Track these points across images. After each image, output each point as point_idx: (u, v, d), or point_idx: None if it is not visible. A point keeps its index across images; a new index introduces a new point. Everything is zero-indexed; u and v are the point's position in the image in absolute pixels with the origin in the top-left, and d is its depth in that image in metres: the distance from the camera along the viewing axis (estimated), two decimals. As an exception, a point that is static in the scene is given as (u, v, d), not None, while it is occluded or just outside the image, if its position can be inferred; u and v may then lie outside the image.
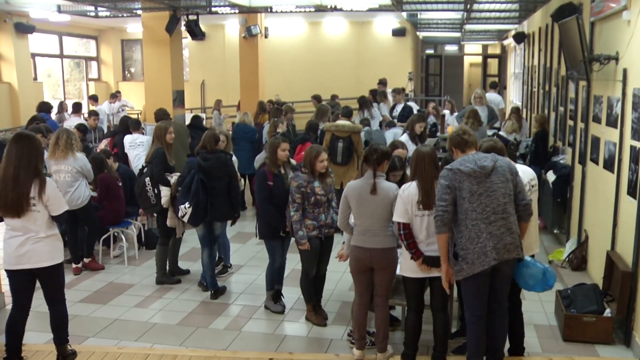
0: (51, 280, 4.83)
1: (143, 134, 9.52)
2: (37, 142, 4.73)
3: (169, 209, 6.78)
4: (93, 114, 11.68)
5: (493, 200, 4.34)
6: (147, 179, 6.85)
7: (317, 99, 13.46)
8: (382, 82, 14.52)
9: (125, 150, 9.08)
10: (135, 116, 16.77)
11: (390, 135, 9.61)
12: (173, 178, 6.82)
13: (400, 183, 5.33)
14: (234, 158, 7.15)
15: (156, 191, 6.83)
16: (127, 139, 9.11)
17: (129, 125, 9.37)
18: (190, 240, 8.23)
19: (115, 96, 16.53)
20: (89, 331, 5.70)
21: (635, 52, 5.31)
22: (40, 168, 4.67)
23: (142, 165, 7.13)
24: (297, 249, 5.78)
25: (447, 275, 4.52)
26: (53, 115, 14.24)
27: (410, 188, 4.65)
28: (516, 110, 11.28)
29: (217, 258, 6.99)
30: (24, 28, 15.23)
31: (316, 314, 5.87)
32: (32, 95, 15.63)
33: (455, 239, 4.45)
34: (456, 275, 4.46)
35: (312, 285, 5.89)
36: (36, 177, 4.58)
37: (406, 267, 4.75)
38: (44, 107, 12.79)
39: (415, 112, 12.41)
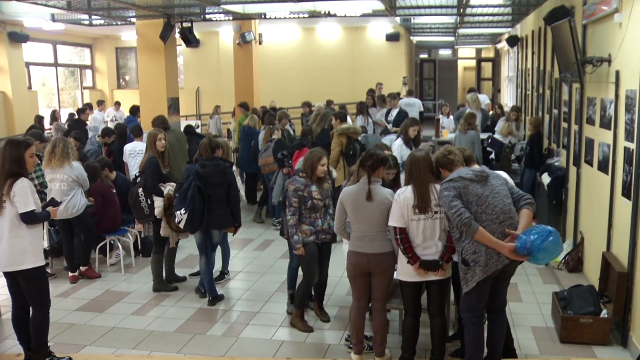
0: (25, 284, 4.85)
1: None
2: (17, 146, 4.80)
3: (162, 219, 6.78)
4: (111, 133, 10.33)
5: (499, 201, 4.38)
6: (140, 189, 6.86)
7: (243, 106, 13.33)
8: (379, 86, 14.70)
9: (125, 159, 9.03)
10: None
11: (386, 141, 9.63)
12: (167, 188, 6.81)
13: (394, 181, 5.36)
14: (234, 167, 7.15)
15: (149, 201, 6.82)
16: (127, 147, 9.08)
17: (131, 131, 9.34)
18: (188, 247, 8.22)
19: (101, 103, 16.52)
20: (86, 339, 5.68)
21: (627, 54, 5.35)
22: (16, 169, 4.73)
23: (135, 175, 7.13)
24: (292, 255, 5.79)
25: (511, 252, 4.30)
26: (46, 124, 14.26)
27: (406, 192, 4.66)
28: (516, 109, 11.42)
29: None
30: (17, 37, 15.22)
31: (302, 320, 5.86)
32: (26, 104, 15.62)
33: (462, 246, 4.44)
34: (468, 282, 4.41)
35: (310, 293, 5.90)
36: (10, 178, 4.71)
37: (403, 271, 4.75)
38: (134, 110, 13.17)
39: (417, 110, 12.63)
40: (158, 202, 6.76)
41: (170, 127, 9.03)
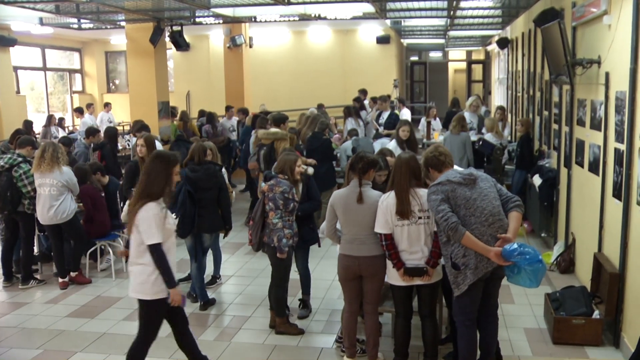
0: (140, 311, 4.52)
1: None
2: (162, 166, 4.36)
3: None
4: (95, 132, 10.38)
5: (488, 204, 4.37)
6: (117, 193, 6.88)
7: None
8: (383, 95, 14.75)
9: None
10: (120, 128, 16.69)
11: (378, 145, 9.65)
12: None
13: (386, 183, 5.36)
14: (224, 170, 7.11)
15: (122, 204, 6.81)
16: None
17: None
18: (179, 252, 8.12)
19: (90, 105, 16.44)
20: (76, 346, 5.63)
21: (616, 55, 5.37)
22: (154, 191, 4.30)
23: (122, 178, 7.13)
24: (270, 259, 5.76)
25: (498, 256, 4.27)
26: (40, 129, 14.16)
27: (389, 198, 4.65)
28: (501, 108, 11.61)
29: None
30: (5, 41, 15.10)
31: (290, 324, 5.84)
32: (14, 109, 15.48)
33: (451, 250, 4.43)
34: (460, 285, 4.40)
35: (286, 297, 5.91)
36: (142, 200, 4.30)
37: (393, 275, 4.75)
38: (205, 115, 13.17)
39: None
40: (125, 207, 6.72)
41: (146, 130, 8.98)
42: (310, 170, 6.22)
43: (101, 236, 7.66)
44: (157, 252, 4.29)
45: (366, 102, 14.32)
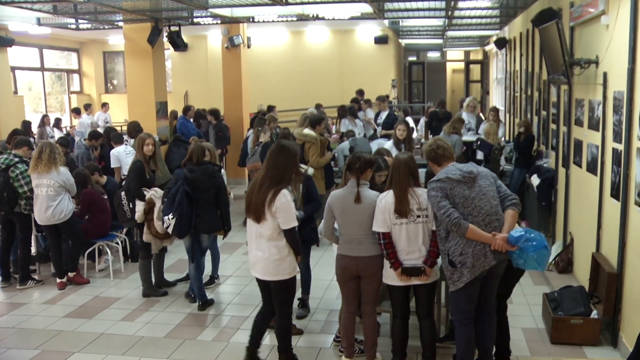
0: (275, 291, 4.94)
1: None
2: (290, 155, 4.78)
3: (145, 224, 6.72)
4: (98, 136, 10.34)
5: (486, 203, 4.38)
6: (123, 193, 6.85)
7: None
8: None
9: (122, 159, 8.81)
10: (118, 128, 16.67)
11: (375, 146, 9.65)
12: (149, 192, 6.74)
13: (385, 183, 5.36)
14: (223, 171, 7.11)
15: (131, 205, 6.79)
16: (121, 149, 8.90)
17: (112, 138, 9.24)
18: (177, 252, 8.17)
19: (89, 106, 16.41)
20: (74, 346, 5.62)
21: (614, 55, 5.37)
22: (284, 178, 4.71)
23: (122, 178, 7.10)
24: None
25: (504, 241, 4.31)
26: (34, 129, 14.13)
27: (387, 197, 4.66)
28: (495, 110, 11.51)
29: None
30: (3, 41, 15.07)
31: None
32: (12, 109, 15.45)
33: (448, 248, 4.44)
34: (455, 283, 4.41)
35: None
36: (275, 187, 4.65)
37: (390, 275, 4.75)
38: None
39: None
40: (139, 207, 6.72)
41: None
42: (311, 171, 6.21)
43: (100, 236, 7.65)
44: (294, 235, 4.76)
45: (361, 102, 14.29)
